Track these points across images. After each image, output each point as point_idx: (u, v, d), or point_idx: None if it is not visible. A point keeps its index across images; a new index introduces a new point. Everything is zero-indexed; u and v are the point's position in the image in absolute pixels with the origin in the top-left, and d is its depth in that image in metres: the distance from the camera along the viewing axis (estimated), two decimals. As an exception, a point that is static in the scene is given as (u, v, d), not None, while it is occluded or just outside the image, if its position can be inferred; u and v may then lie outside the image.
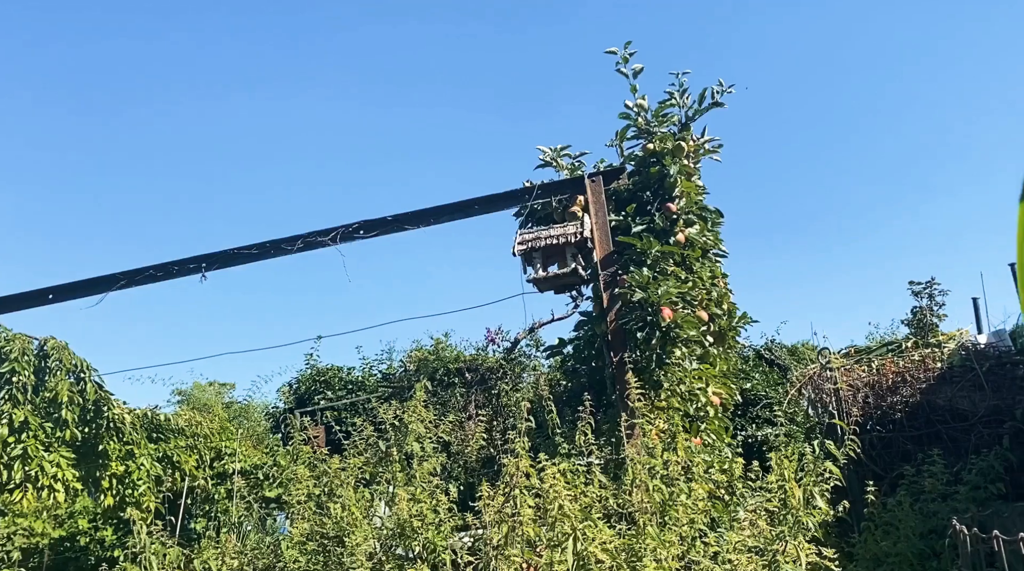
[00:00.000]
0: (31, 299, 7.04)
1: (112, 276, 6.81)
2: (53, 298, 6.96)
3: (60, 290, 6.96)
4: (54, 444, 9.58)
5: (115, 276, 6.81)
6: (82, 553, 13.06)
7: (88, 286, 6.87)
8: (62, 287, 6.96)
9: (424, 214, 6.98)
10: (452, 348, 12.01)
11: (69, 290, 6.93)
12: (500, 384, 10.49)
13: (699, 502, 4.76)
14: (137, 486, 10.33)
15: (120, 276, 6.79)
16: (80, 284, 6.90)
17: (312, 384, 12.76)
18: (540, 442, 6.32)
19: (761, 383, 10.11)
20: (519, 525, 4.04)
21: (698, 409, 6.26)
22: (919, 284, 9.82)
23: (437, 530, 5.19)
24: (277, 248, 6.86)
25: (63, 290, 6.95)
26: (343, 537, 5.13)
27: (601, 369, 7.06)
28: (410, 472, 5.76)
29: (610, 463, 5.71)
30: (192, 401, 20.11)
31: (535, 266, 6.65)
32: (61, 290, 6.95)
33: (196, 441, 11.64)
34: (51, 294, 6.97)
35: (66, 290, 6.94)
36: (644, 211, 6.68)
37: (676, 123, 6.94)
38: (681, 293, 6.26)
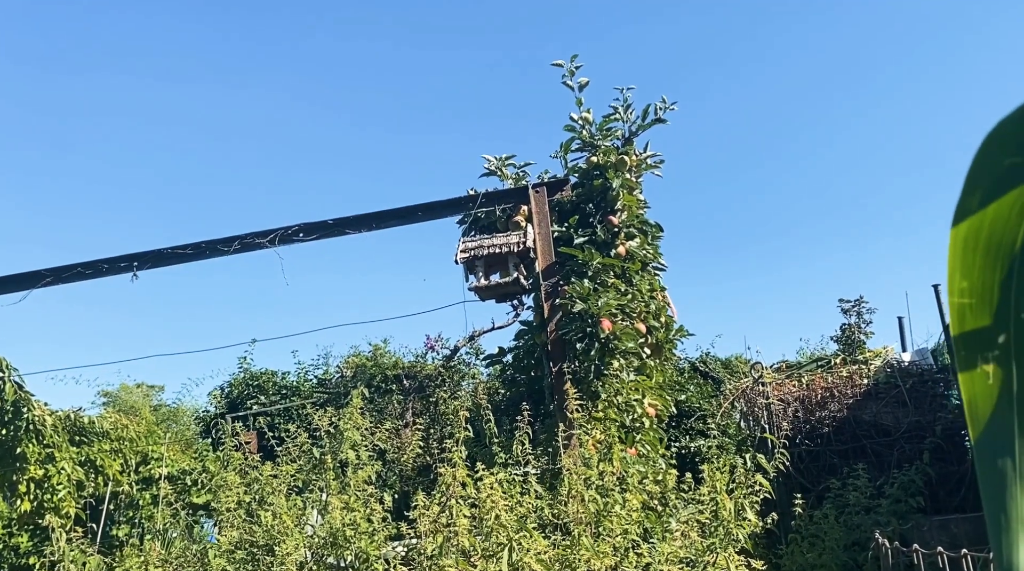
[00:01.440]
0: (-51, 294, 6.73)
1: (37, 272, 6.55)
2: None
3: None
4: (-32, 446, 9.16)
5: (41, 273, 6.55)
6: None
7: (11, 282, 6.59)
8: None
9: (366, 218, 6.92)
10: (391, 355, 11.89)
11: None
12: (438, 392, 10.41)
13: (633, 513, 4.81)
14: (57, 491, 9.93)
15: (46, 273, 6.53)
16: (3, 279, 6.62)
17: (245, 388, 12.47)
18: (477, 451, 6.31)
19: (695, 395, 10.27)
20: (454, 535, 4.02)
21: (634, 420, 6.33)
22: (848, 302, 10.13)
23: (371, 539, 5.12)
24: (213, 249, 6.71)
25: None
26: (273, 546, 5.02)
27: (540, 379, 7.09)
28: (344, 480, 5.68)
29: (546, 473, 5.73)
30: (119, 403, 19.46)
31: (477, 274, 6.65)
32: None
33: (121, 445, 11.26)
34: (-30, 289, 6.67)
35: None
36: (586, 223, 6.75)
37: (620, 137, 7.04)
38: (620, 305, 6.33)
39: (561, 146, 7.10)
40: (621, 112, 6.93)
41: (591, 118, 6.95)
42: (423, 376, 11.08)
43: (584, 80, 6.89)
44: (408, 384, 11.11)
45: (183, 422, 18.73)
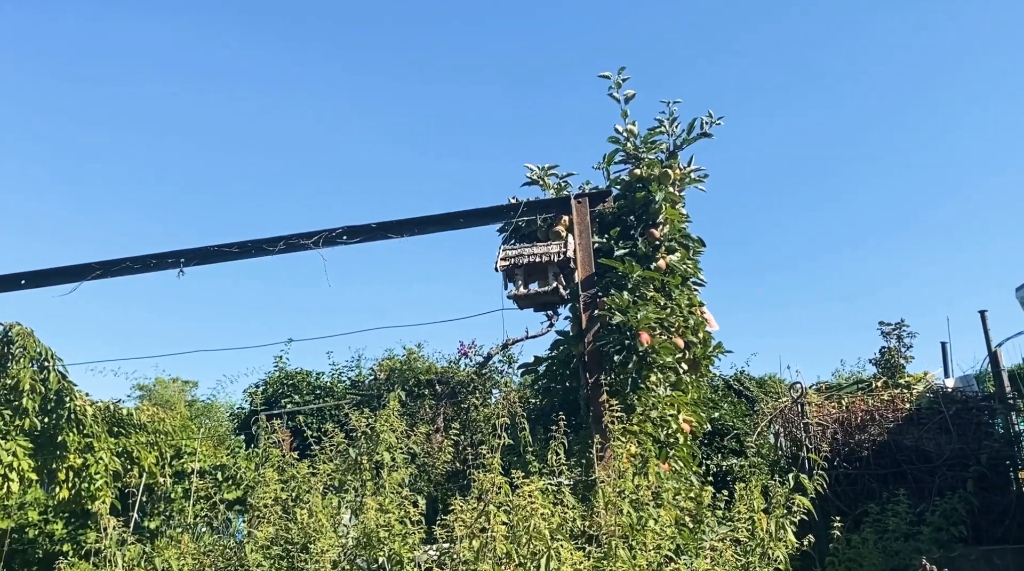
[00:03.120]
0: (3, 283, 6.89)
1: (88, 265, 6.70)
2: (26, 284, 6.82)
3: (34, 276, 6.82)
4: (12, 432, 9.36)
5: (91, 265, 6.69)
6: (30, 546, 12.73)
7: (63, 274, 6.74)
8: (36, 273, 6.83)
9: (408, 223, 6.97)
10: (424, 359, 11.96)
11: (43, 277, 6.80)
12: (470, 398, 10.45)
13: (667, 528, 4.77)
14: (94, 480, 10.11)
15: (96, 265, 6.67)
16: (54, 271, 6.77)
17: (280, 387, 12.62)
18: (511, 459, 6.31)
19: (729, 413, 10.18)
20: (491, 541, 4.02)
21: (668, 435, 6.28)
22: (889, 325, 9.97)
23: (404, 541, 5.15)
24: (259, 248, 6.80)
25: (37, 276, 6.81)
26: (308, 544, 5.06)
27: (575, 389, 7.07)
28: (379, 481, 5.71)
29: (580, 484, 5.71)
30: (154, 397, 19.78)
31: (516, 283, 6.66)
32: (35, 276, 6.82)
33: (157, 438, 11.43)
34: (23, 280, 6.83)
35: (40, 276, 6.80)
36: (627, 235, 6.73)
37: (664, 150, 7.02)
38: (660, 319, 6.30)
39: (604, 157, 7.10)
40: (666, 125, 6.91)
41: (636, 130, 6.94)
42: (455, 382, 11.12)
43: (630, 92, 6.90)
44: (440, 389, 11.16)
45: (216, 418, 18.97)
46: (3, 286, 6.90)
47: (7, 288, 6.91)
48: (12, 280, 6.84)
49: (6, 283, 6.87)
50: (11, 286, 6.86)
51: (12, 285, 6.85)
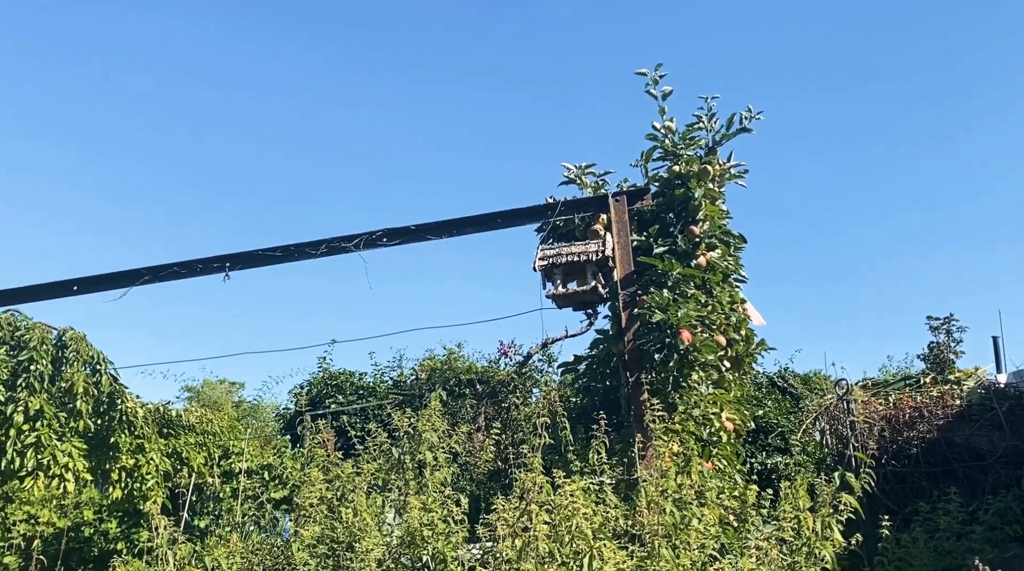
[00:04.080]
0: (56, 289, 7.11)
1: (136, 271, 6.87)
2: (77, 290, 7.03)
3: (84, 282, 7.03)
4: (67, 434, 9.63)
5: (139, 271, 6.87)
6: (86, 544, 13.08)
7: (112, 280, 6.93)
8: (87, 279, 7.04)
9: (446, 225, 7.02)
10: (465, 359, 12.02)
11: (94, 282, 7.00)
12: (511, 397, 10.47)
13: (711, 527, 4.74)
14: (146, 480, 10.36)
15: (144, 271, 6.85)
16: (104, 277, 6.97)
17: (324, 387, 12.79)
18: (552, 458, 6.31)
19: (773, 411, 10.05)
20: (534, 540, 4.04)
21: (711, 434, 6.23)
22: (937, 319, 9.76)
23: (447, 540, 5.19)
24: (301, 252, 6.91)
25: (88, 282, 7.02)
26: (353, 543, 5.14)
27: (615, 388, 7.05)
28: (422, 481, 5.77)
29: (622, 483, 5.69)
30: (202, 398, 20.19)
31: (555, 282, 6.66)
32: (86, 282, 7.03)
33: (206, 438, 11.67)
34: (75, 286, 7.04)
35: (91, 282, 7.01)
36: (667, 233, 6.68)
37: (703, 147, 6.96)
38: (700, 316, 6.25)
39: (642, 155, 7.06)
40: (705, 121, 6.84)
41: (674, 127, 6.89)
42: (496, 381, 11.16)
43: (668, 89, 6.85)
44: (481, 389, 11.20)
45: (262, 418, 19.29)
46: (56, 292, 7.13)
47: (60, 294, 7.13)
48: (65, 286, 7.06)
49: (59, 289, 7.09)
50: (64, 292, 7.08)
51: (65, 291, 7.06)
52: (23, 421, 9.26)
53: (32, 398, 9.38)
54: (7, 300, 7.47)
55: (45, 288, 7.16)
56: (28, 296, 7.33)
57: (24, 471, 9.23)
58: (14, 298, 7.42)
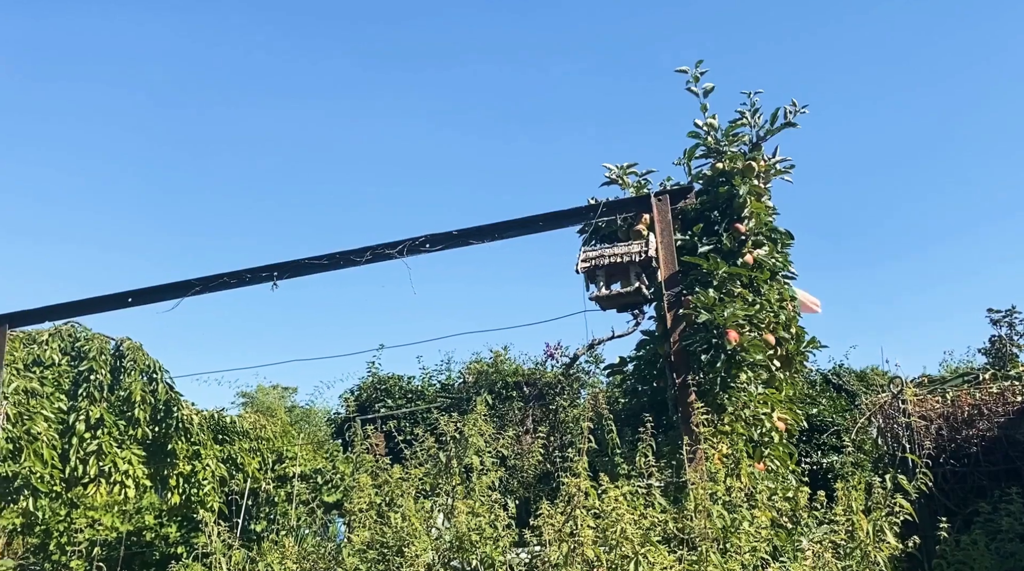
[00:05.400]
0: (112, 302, 7.33)
1: (188, 282, 7.04)
2: (132, 301, 7.22)
3: (139, 294, 7.22)
4: (126, 441, 9.93)
5: (191, 282, 7.03)
6: (147, 548, 13.44)
7: (166, 291, 7.10)
8: (141, 291, 7.22)
9: (488, 229, 7.02)
10: (511, 362, 12.05)
11: (148, 294, 7.19)
12: (558, 400, 10.46)
13: (762, 530, 4.66)
14: (202, 486, 10.62)
15: (196, 282, 7.01)
16: (158, 288, 7.15)
17: (373, 392, 12.95)
18: (599, 461, 6.28)
19: (828, 409, 9.85)
20: (579, 546, 4.02)
21: (762, 434, 6.13)
22: (998, 312, 9.45)
23: (495, 545, 5.20)
24: (346, 259, 6.99)
25: (142, 294, 7.21)
26: (403, 547, 5.18)
27: (662, 390, 6.98)
28: (469, 485, 5.79)
29: (670, 486, 5.64)
30: (256, 404, 20.59)
31: (598, 284, 6.62)
32: (140, 294, 7.21)
33: (259, 444, 11.90)
34: (130, 297, 7.23)
35: (145, 294, 7.19)
36: (711, 231, 6.60)
37: (747, 143, 6.86)
38: (748, 316, 6.15)
39: (684, 153, 6.99)
40: (748, 117, 6.74)
41: (716, 124, 6.80)
42: (543, 384, 11.16)
43: (709, 86, 6.76)
44: (528, 391, 11.21)
45: (314, 423, 19.60)
46: (112, 304, 7.34)
47: (116, 306, 7.34)
48: (120, 298, 7.26)
49: (115, 301, 7.30)
50: (119, 304, 7.29)
51: (120, 303, 7.27)
52: (84, 429, 9.57)
53: (93, 407, 9.69)
54: (67, 313, 7.73)
55: (102, 300, 7.38)
56: (86, 309, 7.57)
57: (87, 478, 9.53)
58: (73, 311, 7.66)
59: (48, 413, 9.23)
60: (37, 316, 7.62)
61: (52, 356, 9.85)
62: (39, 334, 10.07)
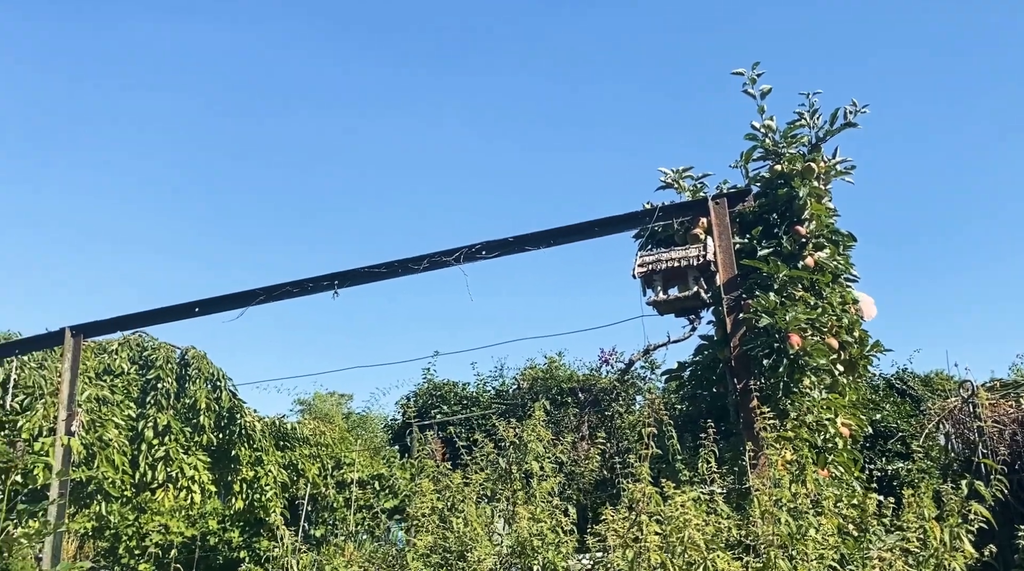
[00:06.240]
0: (180, 312, 7.54)
1: (252, 291, 7.20)
2: (199, 311, 7.42)
3: (205, 304, 7.41)
4: (192, 448, 10.21)
5: (255, 291, 7.19)
6: (211, 552, 13.73)
7: (230, 300, 7.28)
8: (207, 301, 7.42)
9: (544, 235, 7.04)
10: (566, 367, 12.03)
11: (214, 304, 7.38)
12: (614, 406, 10.40)
13: (829, 537, 4.58)
14: (265, 491, 10.86)
15: (259, 291, 7.17)
16: (223, 298, 7.33)
17: (429, 398, 13.06)
18: (659, 467, 6.23)
19: (892, 415, 9.61)
20: (645, 551, 4.00)
21: (826, 440, 6.02)
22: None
23: (557, 550, 5.21)
24: (404, 267, 7.07)
25: (208, 304, 7.40)
26: (465, 552, 5.22)
27: (722, 395, 6.91)
28: (530, 491, 5.81)
29: (732, 493, 5.57)
30: (313, 411, 20.94)
31: (655, 289, 6.59)
32: (206, 304, 7.41)
33: (319, 450, 12.13)
34: (197, 307, 7.43)
35: (211, 304, 7.39)
36: (771, 234, 6.51)
37: (806, 144, 6.75)
38: (810, 319, 6.05)
39: (741, 155, 6.91)
40: (807, 118, 6.64)
41: (774, 125, 6.72)
42: (598, 389, 11.12)
43: (766, 87, 6.68)
44: (583, 397, 11.18)
45: (371, 429, 19.84)
46: (180, 314, 7.56)
47: (183, 316, 7.56)
48: (187, 309, 7.48)
49: (182, 311, 7.52)
50: (186, 314, 7.50)
51: (187, 313, 7.48)
52: (153, 436, 9.88)
53: (160, 414, 10.00)
54: (137, 323, 7.98)
55: (170, 310, 7.60)
56: (156, 318, 7.80)
57: (156, 483, 9.82)
58: (143, 321, 7.91)
59: (118, 420, 9.55)
60: (109, 326, 7.88)
61: (121, 365, 10.21)
62: (109, 344, 10.43)
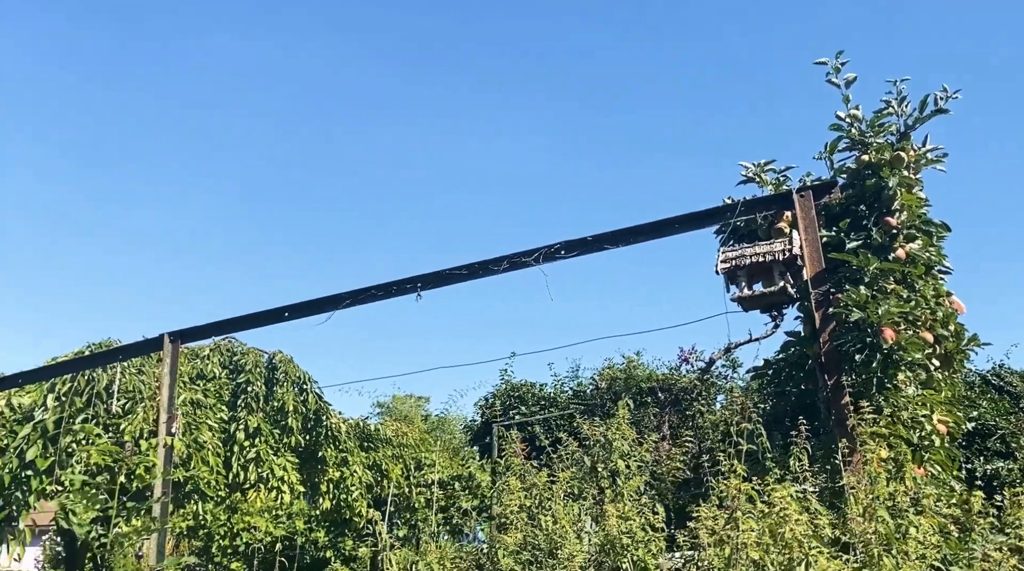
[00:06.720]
0: (270, 317, 7.79)
1: (339, 295, 7.40)
2: (288, 316, 7.65)
3: (294, 308, 7.64)
4: (281, 449, 10.53)
5: (341, 295, 7.39)
6: (300, 551, 14.11)
7: (318, 305, 7.49)
8: (296, 306, 7.65)
9: (623, 234, 7.01)
10: (644, 367, 11.95)
11: (302, 308, 7.60)
12: (695, 405, 10.28)
13: (931, 537, 4.45)
14: (351, 491, 11.11)
15: (346, 295, 7.35)
16: (311, 303, 7.54)
17: (507, 399, 13.15)
18: (748, 466, 6.13)
19: (990, 412, 9.23)
20: (742, 547, 3.96)
21: (922, 438, 5.83)
22: None
23: (647, 548, 5.20)
24: (485, 268, 7.15)
25: (297, 308, 7.63)
26: (554, 549, 5.26)
27: (809, 392, 6.77)
28: (616, 489, 5.81)
29: (825, 491, 5.46)
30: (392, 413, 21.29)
31: (740, 285, 6.49)
32: (295, 308, 7.64)
33: (402, 451, 12.35)
34: (287, 312, 7.67)
35: (300, 308, 7.61)
36: (859, 226, 6.36)
37: (894, 133, 6.56)
38: (903, 313, 5.88)
39: (826, 147, 6.76)
40: (895, 106, 6.45)
41: (860, 115, 6.55)
42: (678, 389, 11.01)
43: (851, 76, 6.52)
44: (663, 397, 11.08)
45: (449, 431, 20.06)
46: (271, 319, 7.81)
47: (274, 320, 7.81)
48: (277, 313, 7.72)
49: (272, 316, 7.77)
50: (277, 319, 7.75)
51: (277, 318, 7.73)
52: (244, 438, 10.22)
53: (251, 417, 10.34)
54: (231, 328, 8.28)
55: (262, 315, 7.86)
56: (248, 324, 8.07)
57: (248, 484, 10.17)
58: (236, 326, 8.20)
59: (212, 423, 9.92)
60: (205, 332, 8.20)
61: (213, 370, 10.61)
62: (201, 350, 10.85)
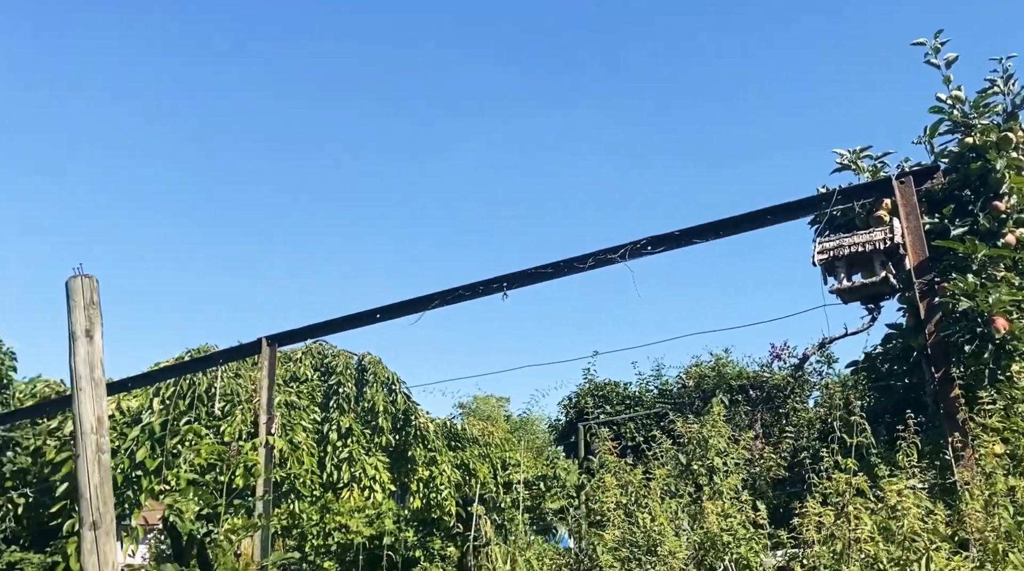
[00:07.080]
0: (363, 319, 7.95)
1: (429, 296, 7.49)
2: (380, 317, 7.80)
3: (386, 310, 7.79)
4: (372, 449, 10.75)
5: (431, 296, 7.48)
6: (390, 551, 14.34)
7: (409, 306, 7.60)
8: (387, 307, 7.79)
9: (712, 227, 6.87)
10: (733, 364, 11.70)
11: (393, 310, 7.73)
12: (789, 402, 10.02)
13: (1055, 534, 4.22)
14: (440, 491, 11.25)
15: (435, 296, 7.45)
16: (402, 304, 7.67)
17: (590, 398, 13.09)
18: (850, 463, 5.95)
19: (1109, 405, 8.68)
20: (856, 543, 3.84)
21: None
22: None
23: (749, 546, 5.10)
24: (570, 266, 7.13)
25: (388, 310, 7.77)
26: (653, 547, 5.20)
27: (915, 386, 6.51)
28: (714, 486, 5.72)
29: (935, 487, 5.25)
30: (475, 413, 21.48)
31: (838, 276, 6.29)
32: (386, 310, 7.78)
33: (488, 450, 12.44)
34: (378, 314, 7.81)
35: (391, 310, 7.75)
36: (964, 212, 6.09)
37: (1000, 113, 6.26)
38: (1016, 301, 5.60)
39: (925, 130, 6.50)
40: (1000, 84, 6.15)
41: (963, 96, 6.28)
42: (770, 386, 10.74)
43: (952, 56, 6.25)
44: (755, 394, 10.84)
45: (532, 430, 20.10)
46: (363, 321, 7.97)
47: (366, 322, 7.97)
48: (369, 315, 7.88)
49: (365, 318, 7.93)
50: (369, 320, 7.91)
51: (370, 319, 7.89)
52: (336, 438, 10.47)
53: (342, 418, 10.59)
54: (324, 331, 8.49)
55: (354, 318, 8.04)
56: (341, 326, 8.26)
57: (341, 483, 10.41)
58: (330, 329, 8.39)
59: (306, 424, 10.20)
60: (299, 335, 8.44)
61: (305, 372, 10.92)
62: (293, 353, 11.18)
